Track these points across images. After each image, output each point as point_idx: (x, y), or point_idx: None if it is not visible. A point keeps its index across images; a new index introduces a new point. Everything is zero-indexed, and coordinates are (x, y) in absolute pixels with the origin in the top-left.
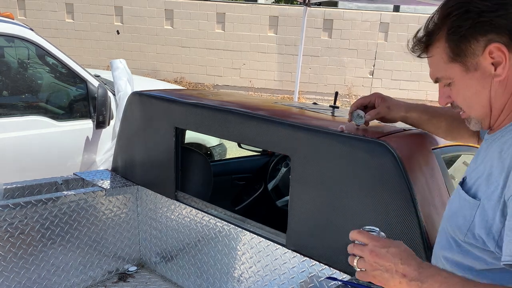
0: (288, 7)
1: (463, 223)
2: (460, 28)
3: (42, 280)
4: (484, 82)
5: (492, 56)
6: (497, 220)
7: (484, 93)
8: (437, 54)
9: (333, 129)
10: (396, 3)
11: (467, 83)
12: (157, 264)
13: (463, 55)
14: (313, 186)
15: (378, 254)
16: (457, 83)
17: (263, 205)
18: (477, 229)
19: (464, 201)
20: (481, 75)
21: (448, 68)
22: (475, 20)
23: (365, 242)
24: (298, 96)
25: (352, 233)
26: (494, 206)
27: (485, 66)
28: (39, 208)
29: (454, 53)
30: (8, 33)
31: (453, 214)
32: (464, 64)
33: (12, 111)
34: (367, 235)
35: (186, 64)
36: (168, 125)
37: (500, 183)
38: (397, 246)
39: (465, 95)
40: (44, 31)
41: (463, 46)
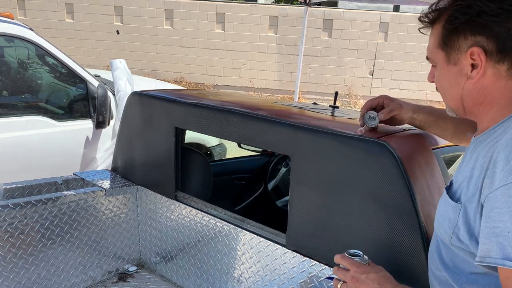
0: (288, 7)
1: (448, 226)
2: (456, 20)
3: (42, 280)
4: (459, 79)
5: (473, 58)
6: (477, 223)
7: (457, 88)
8: (434, 35)
9: (333, 129)
10: (396, 3)
11: (445, 73)
12: (157, 264)
13: (450, 46)
14: (313, 186)
15: (358, 280)
16: (439, 69)
17: (263, 205)
18: (461, 232)
19: (448, 204)
20: (458, 71)
21: (435, 53)
22: (472, 17)
23: (347, 267)
24: (298, 96)
25: (336, 257)
26: (475, 209)
27: (464, 64)
28: (39, 208)
29: (443, 41)
30: (8, 33)
31: (440, 217)
32: (447, 54)
33: (12, 111)
34: (349, 260)
35: (186, 64)
36: (168, 125)
37: (479, 186)
38: (375, 272)
39: (441, 83)
40: (44, 31)
41: (452, 38)
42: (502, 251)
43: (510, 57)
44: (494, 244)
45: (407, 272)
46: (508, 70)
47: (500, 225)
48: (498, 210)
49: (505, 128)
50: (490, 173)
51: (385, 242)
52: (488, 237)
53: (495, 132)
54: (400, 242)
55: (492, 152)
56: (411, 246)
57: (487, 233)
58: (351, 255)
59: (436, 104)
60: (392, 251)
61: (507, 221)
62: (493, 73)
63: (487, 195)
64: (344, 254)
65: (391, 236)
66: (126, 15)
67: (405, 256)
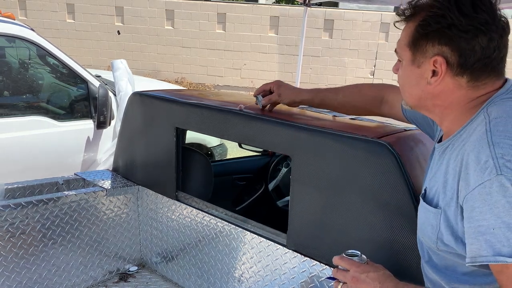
0: (288, 7)
1: (431, 233)
2: (429, 27)
3: (43, 280)
4: (419, 81)
5: (435, 65)
6: (460, 225)
7: (416, 89)
8: (406, 32)
9: (334, 129)
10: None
11: (408, 72)
12: (158, 264)
13: (417, 49)
14: (313, 186)
15: (358, 280)
16: (403, 67)
17: (264, 205)
18: (445, 236)
19: (428, 211)
20: (420, 74)
21: (403, 49)
22: (443, 28)
23: (347, 268)
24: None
25: (335, 258)
26: (454, 212)
27: (426, 69)
28: (40, 208)
29: (412, 42)
30: (9, 33)
31: (422, 225)
32: (414, 55)
33: (13, 111)
34: (348, 261)
35: (186, 65)
36: (169, 125)
37: (455, 189)
38: (375, 271)
39: (403, 80)
40: (45, 32)
41: (421, 42)
42: (491, 248)
43: (469, 72)
44: (483, 242)
45: (407, 272)
46: (469, 82)
47: (484, 223)
48: (479, 209)
49: (469, 131)
50: (464, 175)
51: (385, 242)
52: (475, 237)
53: (461, 136)
54: (400, 242)
55: (462, 155)
56: (411, 246)
57: (473, 233)
58: (349, 255)
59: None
60: (392, 251)
61: (490, 219)
62: (453, 83)
63: (464, 197)
64: (342, 255)
65: (391, 236)
66: (126, 16)
67: (405, 256)
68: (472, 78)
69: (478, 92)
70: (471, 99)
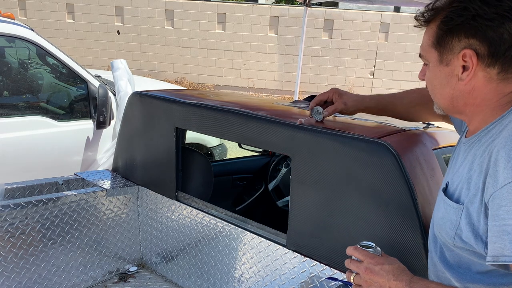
0: (288, 7)
1: (450, 228)
2: (452, 21)
3: (42, 280)
4: (450, 80)
5: (465, 60)
6: (482, 223)
7: (447, 89)
8: (428, 34)
9: (334, 129)
10: (396, 4)
11: (437, 73)
12: (157, 264)
13: (443, 46)
14: (313, 186)
15: (372, 271)
16: (431, 68)
17: (264, 206)
18: (464, 233)
19: (448, 206)
20: (450, 72)
21: (428, 51)
22: (467, 20)
23: (360, 259)
24: (298, 96)
25: (349, 249)
26: (478, 209)
27: (456, 66)
28: (40, 208)
29: (437, 41)
30: (8, 33)
31: (440, 220)
32: (440, 54)
33: (12, 111)
34: (363, 252)
35: (186, 65)
36: (169, 125)
37: (480, 186)
38: (390, 263)
39: (432, 82)
40: (44, 32)
41: (446, 39)
42: None
43: (501, 61)
44: (507, 242)
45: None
46: (499, 74)
47: (510, 223)
48: (506, 208)
49: (499, 127)
50: (492, 172)
51: (385, 242)
52: (500, 235)
53: (489, 132)
54: (401, 242)
55: (490, 151)
56: (411, 246)
57: (497, 232)
58: (364, 246)
59: None
60: (393, 251)
61: None
62: (484, 76)
63: (491, 194)
64: (356, 246)
65: (391, 236)
66: (126, 16)
67: (406, 256)
68: (503, 68)
69: (510, 85)
70: (503, 94)
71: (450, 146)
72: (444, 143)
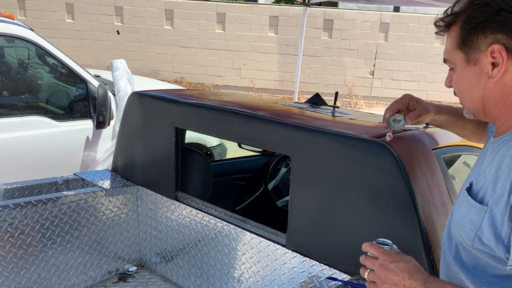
0: (288, 7)
1: (470, 229)
2: (474, 19)
3: (42, 280)
4: (479, 79)
5: (494, 56)
6: (505, 226)
7: (477, 89)
8: (451, 37)
9: (333, 129)
10: (396, 4)
11: (465, 74)
12: (157, 264)
13: (469, 46)
14: (313, 186)
15: (387, 268)
16: (458, 71)
17: (263, 205)
18: (485, 234)
19: (471, 206)
20: (479, 71)
21: (453, 54)
22: (491, 15)
23: (376, 256)
24: (298, 96)
25: (365, 245)
26: (502, 211)
27: (485, 63)
28: (39, 208)
29: (461, 41)
30: (8, 33)
31: (460, 219)
32: (467, 55)
33: (12, 111)
34: (379, 249)
35: (186, 64)
36: (168, 125)
37: (507, 188)
38: (406, 261)
39: (460, 85)
40: (44, 31)
41: (471, 38)
42: None
43: None
44: None
45: None
46: None
47: None
48: None
49: None
50: None
51: None
52: None
53: None
54: (400, 241)
55: None
56: (411, 246)
57: None
58: (380, 243)
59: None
60: None
61: None
62: None
63: None
64: (372, 242)
65: (391, 235)
66: (126, 15)
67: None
68: None
69: None
70: None
71: (450, 146)
72: (443, 143)
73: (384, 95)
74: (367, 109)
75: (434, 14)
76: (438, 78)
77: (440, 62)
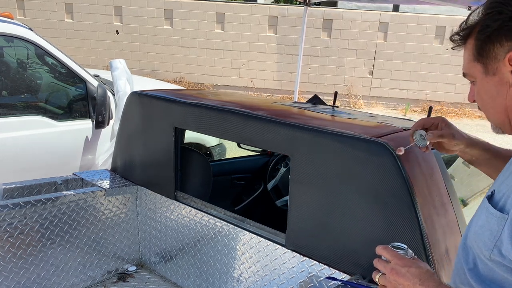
0: (287, 7)
1: (489, 239)
2: (488, 28)
3: (41, 280)
4: (500, 89)
5: None
6: None
7: (499, 100)
8: (467, 50)
9: (333, 129)
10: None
11: (485, 86)
12: (156, 264)
13: (486, 56)
14: (312, 186)
15: (398, 273)
16: (478, 84)
17: (263, 205)
18: (505, 245)
19: (491, 215)
20: (499, 81)
21: (471, 67)
22: (504, 22)
23: (388, 259)
24: (297, 96)
25: (378, 248)
26: None
27: (504, 72)
28: (39, 208)
29: (478, 53)
30: (7, 33)
31: (479, 228)
32: (485, 66)
33: (11, 111)
34: (391, 252)
35: (185, 64)
36: (168, 125)
37: None
38: (418, 267)
39: (482, 98)
40: (43, 31)
41: (487, 48)
42: None
43: None
44: None
45: None
46: None
47: None
48: None
49: None
50: None
51: (384, 242)
52: None
53: None
54: (400, 241)
55: None
56: (410, 246)
57: None
58: (395, 247)
59: (436, 103)
60: None
61: None
62: None
63: None
64: (387, 246)
65: (390, 235)
66: (125, 15)
67: None
68: None
69: None
70: None
71: None
72: None
73: (383, 95)
74: (367, 109)
75: (433, 14)
76: (438, 78)
77: (439, 62)
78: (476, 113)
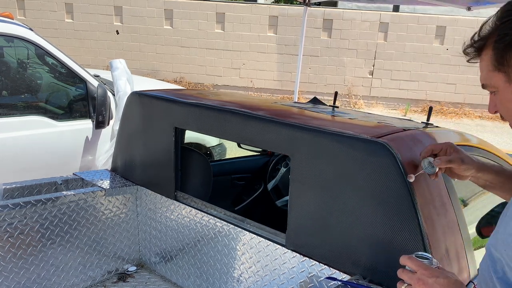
0: (287, 7)
1: None
2: (507, 37)
3: (41, 280)
4: None
5: None
6: None
7: None
8: (485, 61)
9: (333, 129)
10: (395, 3)
11: (509, 95)
12: (156, 264)
13: (506, 65)
14: (312, 186)
15: (425, 283)
16: (500, 93)
17: (263, 205)
18: None
19: None
20: None
21: (492, 77)
22: None
23: (414, 269)
24: (298, 96)
25: (403, 258)
26: None
27: None
28: (39, 208)
29: (498, 62)
30: (7, 33)
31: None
32: (507, 74)
33: (11, 111)
34: (417, 262)
35: (185, 64)
36: (168, 125)
37: None
38: (446, 277)
39: (506, 107)
40: (43, 31)
41: (507, 56)
42: None
43: None
44: None
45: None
46: None
47: None
48: None
49: None
50: None
51: (384, 242)
52: None
53: None
54: (400, 242)
55: None
56: (410, 246)
57: None
58: (419, 257)
59: (436, 103)
60: (392, 251)
61: None
62: None
63: None
64: (411, 256)
65: (390, 236)
66: (125, 15)
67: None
68: None
69: None
70: None
71: None
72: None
73: (383, 95)
74: (367, 109)
75: (433, 14)
76: (438, 78)
77: (439, 62)
78: (476, 113)
